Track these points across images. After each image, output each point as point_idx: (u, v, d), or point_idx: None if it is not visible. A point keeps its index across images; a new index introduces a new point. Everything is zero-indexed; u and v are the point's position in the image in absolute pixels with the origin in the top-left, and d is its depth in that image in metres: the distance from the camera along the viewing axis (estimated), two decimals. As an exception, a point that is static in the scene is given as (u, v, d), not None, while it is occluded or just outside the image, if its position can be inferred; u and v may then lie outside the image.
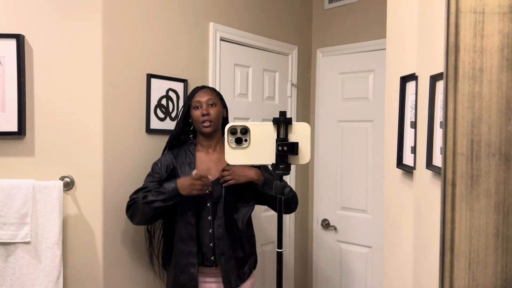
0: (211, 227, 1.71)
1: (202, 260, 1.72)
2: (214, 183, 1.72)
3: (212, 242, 1.71)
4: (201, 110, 1.73)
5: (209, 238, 1.71)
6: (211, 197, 1.72)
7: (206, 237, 1.71)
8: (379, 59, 2.45)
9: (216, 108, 1.75)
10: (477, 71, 0.64)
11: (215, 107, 1.75)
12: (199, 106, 1.74)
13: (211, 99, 1.75)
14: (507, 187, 0.64)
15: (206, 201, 1.72)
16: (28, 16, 1.67)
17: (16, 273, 1.61)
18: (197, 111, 1.75)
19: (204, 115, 1.72)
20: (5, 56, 1.63)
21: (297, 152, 1.21)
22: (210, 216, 1.72)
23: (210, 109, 1.74)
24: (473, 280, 0.65)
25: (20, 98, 1.64)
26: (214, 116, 1.74)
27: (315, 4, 2.85)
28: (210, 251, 1.71)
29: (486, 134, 0.64)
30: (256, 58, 2.47)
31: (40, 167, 1.70)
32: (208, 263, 1.72)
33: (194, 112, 1.75)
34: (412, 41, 1.14)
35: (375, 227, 2.53)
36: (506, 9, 0.63)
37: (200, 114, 1.73)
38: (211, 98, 1.75)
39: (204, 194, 1.66)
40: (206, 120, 1.72)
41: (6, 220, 1.60)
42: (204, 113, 1.72)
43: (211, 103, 1.74)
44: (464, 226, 0.65)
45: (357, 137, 2.62)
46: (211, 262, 1.72)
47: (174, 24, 2.02)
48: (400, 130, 1.22)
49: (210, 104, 1.74)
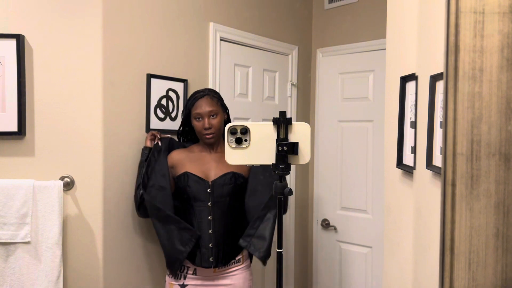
0: (210, 227, 1.71)
1: (200, 261, 1.71)
2: (215, 182, 1.73)
3: (211, 242, 1.71)
4: (202, 122, 1.73)
5: (209, 238, 1.71)
6: (212, 197, 1.72)
7: (205, 237, 1.71)
8: (379, 59, 2.45)
9: (218, 119, 1.75)
10: (477, 71, 0.64)
11: (216, 118, 1.75)
12: (200, 118, 1.74)
13: (212, 111, 1.73)
14: (507, 187, 0.64)
15: (206, 201, 1.72)
16: (28, 16, 1.67)
17: (16, 273, 1.61)
18: (198, 123, 1.75)
19: (207, 129, 1.73)
20: (5, 56, 1.63)
21: (297, 152, 1.21)
22: (210, 216, 1.71)
23: (212, 121, 1.73)
24: (473, 280, 0.65)
25: (20, 98, 1.64)
26: (216, 127, 1.75)
27: (315, 4, 2.85)
28: (209, 252, 1.70)
29: (486, 134, 0.64)
30: (256, 58, 2.47)
31: (40, 167, 1.70)
32: (206, 264, 1.71)
33: (195, 122, 1.76)
34: (412, 41, 1.14)
35: (375, 227, 2.53)
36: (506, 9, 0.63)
37: (202, 127, 1.73)
38: (212, 110, 1.73)
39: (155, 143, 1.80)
40: (209, 133, 1.73)
41: (6, 220, 1.60)
42: (206, 127, 1.72)
43: (212, 114, 1.74)
44: (464, 226, 0.65)
45: (357, 137, 2.62)
46: (210, 263, 1.71)
47: (174, 24, 2.02)
48: (400, 130, 1.22)
49: (211, 115, 1.74)
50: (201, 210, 1.71)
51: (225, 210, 1.73)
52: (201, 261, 1.70)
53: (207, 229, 1.71)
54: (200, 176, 1.73)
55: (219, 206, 1.72)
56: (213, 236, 1.71)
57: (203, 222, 1.71)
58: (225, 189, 1.73)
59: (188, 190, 1.71)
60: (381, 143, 2.46)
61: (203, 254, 1.70)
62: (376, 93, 2.52)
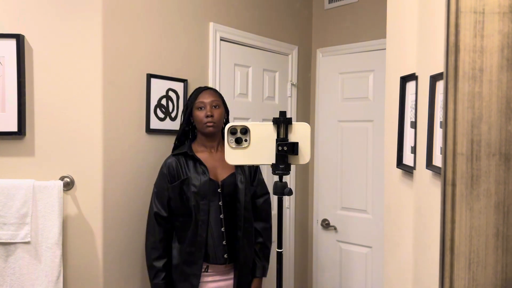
0: (222, 225, 1.73)
1: (215, 259, 1.73)
2: (225, 181, 1.75)
3: (224, 239, 1.73)
4: (205, 111, 1.74)
5: (221, 236, 1.73)
6: (223, 196, 1.74)
7: (218, 236, 1.72)
8: (379, 59, 2.45)
9: (220, 110, 1.77)
10: (477, 71, 0.64)
11: (219, 109, 1.77)
12: (203, 107, 1.75)
13: (215, 101, 1.77)
14: (507, 187, 0.64)
15: (217, 201, 1.73)
16: (28, 16, 1.67)
17: (16, 273, 1.61)
18: (200, 112, 1.75)
19: (208, 117, 1.73)
20: (5, 56, 1.63)
21: (297, 152, 1.21)
22: (222, 215, 1.73)
23: (214, 111, 1.75)
24: (473, 280, 0.65)
25: (20, 98, 1.64)
26: (218, 117, 1.75)
27: (315, 4, 2.85)
28: (224, 249, 1.73)
29: (486, 134, 0.64)
30: (256, 58, 2.47)
31: (40, 167, 1.69)
32: (221, 261, 1.73)
33: (197, 112, 1.76)
34: (412, 41, 1.14)
35: (375, 227, 2.53)
36: (506, 9, 0.63)
37: (204, 116, 1.74)
38: (215, 100, 1.77)
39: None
40: (210, 121, 1.73)
41: (6, 220, 1.60)
42: (208, 115, 1.73)
43: (215, 105, 1.76)
44: (464, 226, 0.65)
45: (357, 137, 2.62)
46: (224, 260, 1.73)
47: (174, 24, 2.02)
48: (400, 130, 1.22)
49: (214, 105, 1.76)
50: (212, 209, 1.72)
51: (233, 207, 1.77)
52: (216, 259, 1.73)
53: (219, 228, 1.73)
54: (210, 177, 1.74)
55: (230, 204, 1.76)
56: (225, 233, 1.73)
57: (214, 220, 1.72)
58: (234, 187, 1.76)
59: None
60: (381, 143, 2.46)
61: (218, 252, 1.72)
62: (376, 93, 2.52)
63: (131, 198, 1.84)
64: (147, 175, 1.90)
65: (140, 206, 1.87)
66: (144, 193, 1.88)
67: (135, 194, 1.86)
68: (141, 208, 1.86)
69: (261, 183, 1.92)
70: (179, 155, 1.76)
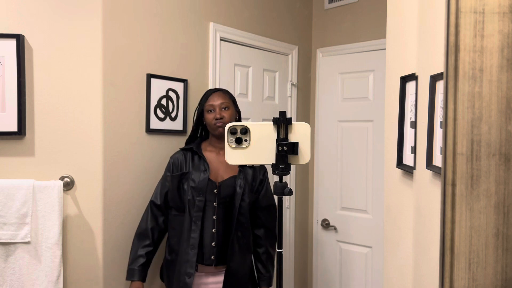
0: (214, 226, 1.73)
1: (202, 259, 1.73)
2: (223, 183, 1.75)
3: (213, 241, 1.72)
4: (214, 114, 1.76)
5: (211, 237, 1.72)
6: (219, 197, 1.74)
7: (208, 236, 1.72)
8: (379, 59, 2.45)
9: (229, 112, 1.78)
10: (477, 71, 0.64)
11: (228, 110, 1.78)
12: (213, 110, 1.77)
13: (224, 103, 1.77)
14: (507, 187, 0.64)
15: (213, 201, 1.73)
16: (28, 16, 1.67)
17: (16, 273, 1.61)
18: (210, 115, 1.77)
19: (218, 119, 1.74)
20: (5, 56, 1.63)
21: (297, 152, 1.21)
22: (215, 216, 1.73)
23: (223, 113, 1.76)
24: (473, 280, 0.65)
25: (20, 98, 1.64)
26: (228, 119, 1.76)
27: (315, 4, 2.85)
28: (212, 250, 1.73)
29: (486, 134, 0.64)
30: (256, 58, 2.47)
31: (40, 167, 1.69)
32: (208, 262, 1.73)
33: (207, 115, 1.78)
34: (412, 41, 1.14)
35: (375, 227, 2.53)
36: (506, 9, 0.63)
37: (214, 118, 1.75)
38: (224, 102, 1.78)
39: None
40: (220, 121, 1.75)
41: (6, 220, 1.60)
42: (217, 117, 1.74)
43: (224, 107, 1.77)
44: (464, 226, 0.65)
45: (357, 137, 2.62)
46: (211, 261, 1.73)
47: (174, 24, 2.02)
48: (400, 130, 1.22)
49: (223, 107, 1.77)
50: (206, 210, 1.72)
51: (229, 211, 1.76)
52: (203, 259, 1.73)
53: (211, 228, 1.72)
54: (209, 176, 1.75)
55: (226, 206, 1.75)
56: (216, 235, 1.73)
57: (207, 221, 1.72)
58: (231, 191, 1.76)
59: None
60: (381, 143, 2.46)
61: (205, 253, 1.72)
62: (376, 93, 2.52)
63: (131, 198, 1.84)
64: (147, 175, 1.90)
65: (140, 206, 1.87)
66: (144, 193, 1.88)
67: (135, 194, 1.86)
68: (141, 208, 1.86)
69: (269, 194, 1.89)
70: (186, 150, 1.81)
